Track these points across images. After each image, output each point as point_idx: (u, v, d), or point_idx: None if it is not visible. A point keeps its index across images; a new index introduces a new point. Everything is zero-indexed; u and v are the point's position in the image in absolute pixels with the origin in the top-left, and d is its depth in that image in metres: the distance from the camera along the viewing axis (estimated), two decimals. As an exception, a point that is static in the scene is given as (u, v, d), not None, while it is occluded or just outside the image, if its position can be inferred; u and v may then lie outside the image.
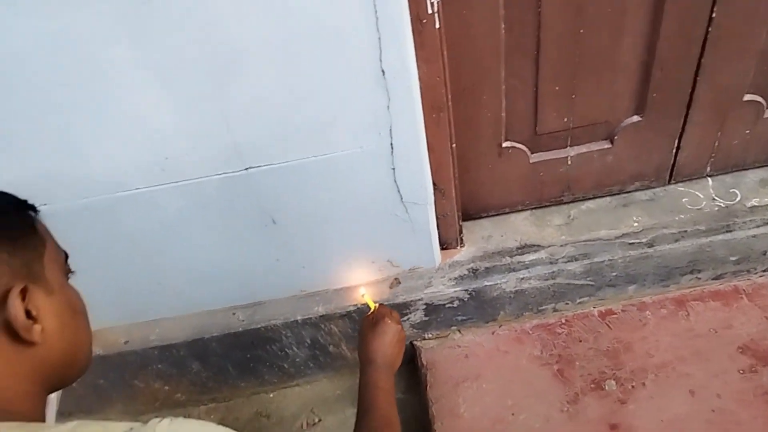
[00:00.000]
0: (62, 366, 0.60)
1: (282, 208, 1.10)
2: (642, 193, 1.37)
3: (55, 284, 0.59)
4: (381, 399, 0.91)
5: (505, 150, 1.23)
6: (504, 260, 1.29)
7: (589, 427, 1.17)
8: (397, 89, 0.92)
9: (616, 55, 1.11)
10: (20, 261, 0.55)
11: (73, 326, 0.61)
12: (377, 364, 0.96)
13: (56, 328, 0.57)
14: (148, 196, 1.03)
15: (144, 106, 0.90)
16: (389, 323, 0.98)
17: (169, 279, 1.22)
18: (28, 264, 0.56)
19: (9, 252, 0.54)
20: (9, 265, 0.54)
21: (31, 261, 0.57)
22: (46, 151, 0.94)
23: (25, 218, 0.58)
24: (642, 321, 1.31)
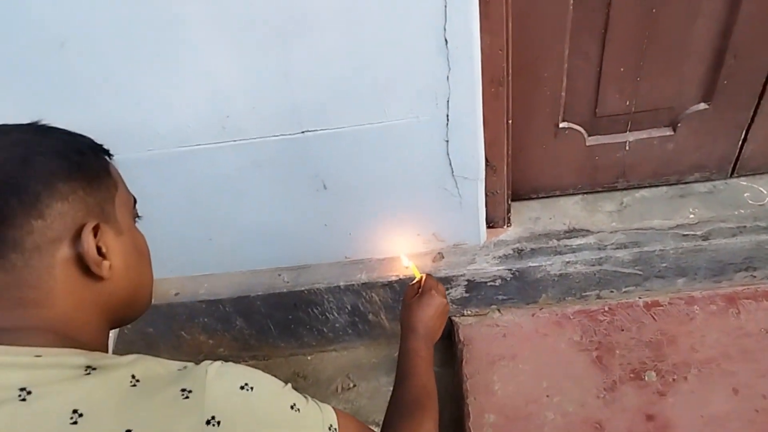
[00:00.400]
0: (125, 303, 0.63)
1: (334, 174, 1.12)
2: (701, 185, 1.33)
3: (124, 226, 0.62)
4: (421, 367, 0.92)
5: (561, 131, 1.21)
6: (551, 243, 1.28)
7: (625, 415, 1.16)
8: (458, 59, 0.91)
9: (687, 38, 1.06)
10: (94, 200, 0.58)
11: (137, 267, 0.64)
12: (419, 333, 0.97)
13: (123, 266, 0.60)
14: (208, 152, 1.06)
15: (211, 62, 0.92)
16: (435, 296, 0.99)
17: (220, 236, 1.26)
18: (101, 204, 0.59)
19: (85, 190, 0.57)
20: (85, 202, 0.57)
21: (104, 201, 0.59)
22: (115, 102, 0.98)
23: (100, 160, 0.61)
24: (689, 315, 1.28)
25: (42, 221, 0.53)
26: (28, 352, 0.51)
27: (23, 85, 0.96)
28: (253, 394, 0.57)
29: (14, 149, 0.54)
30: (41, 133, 0.58)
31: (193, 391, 0.54)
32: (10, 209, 0.51)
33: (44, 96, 0.97)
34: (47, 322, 0.54)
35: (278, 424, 0.58)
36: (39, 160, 0.54)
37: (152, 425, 0.51)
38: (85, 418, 0.49)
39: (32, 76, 0.94)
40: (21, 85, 0.96)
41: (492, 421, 1.19)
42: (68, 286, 0.55)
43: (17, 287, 0.53)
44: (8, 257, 0.52)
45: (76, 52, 0.91)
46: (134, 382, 0.53)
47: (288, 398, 0.61)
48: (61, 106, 0.97)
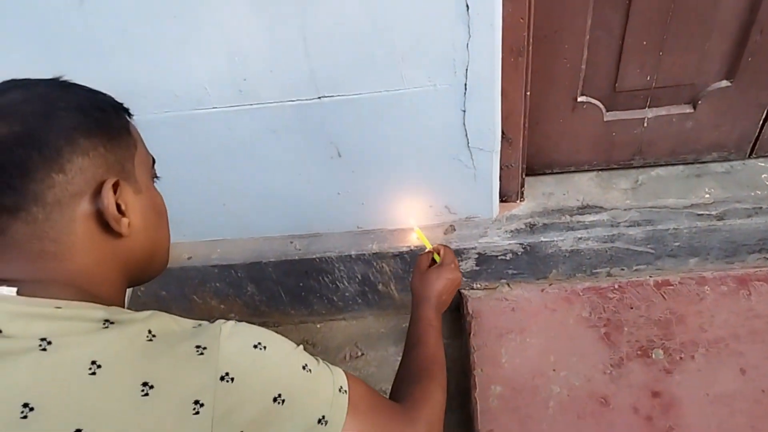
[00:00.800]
0: (143, 261, 0.64)
1: (349, 142, 1.12)
2: (718, 165, 1.31)
3: (143, 185, 0.63)
4: (431, 335, 0.93)
5: (579, 105, 1.19)
6: (563, 218, 1.27)
7: (631, 391, 1.17)
8: (479, 26, 0.90)
9: (713, 11, 1.04)
10: (115, 157, 0.58)
11: (155, 226, 0.65)
12: (432, 303, 0.97)
13: (141, 224, 0.61)
14: (224, 116, 1.06)
15: (230, 23, 0.91)
16: (454, 270, 0.99)
17: (234, 201, 1.27)
18: (121, 161, 0.59)
19: (106, 146, 0.57)
20: (105, 159, 0.57)
21: (124, 159, 0.60)
22: (132, 62, 0.98)
23: (120, 118, 0.61)
24: (699, 295, 1.28)
25: (63, 176, 0.54)
26: (48, 303, 0.52)
27: (42, 41, 0.96)
28: (266, 354, 0.58)
29: (37, 103, 0.55)
30: (64, 88, 0.58)
31: (208, 348, 0.55)
32: (31, 163, 0.52)
33: (62, 53, 0.97)
34: (67, 276, 0.55)
35: (290, 384, 0.59)
36: (61, 115, 0.55)
37: (168, 379, 0.52)
38: (103, 370, 0.50)
39: (51, 32, 0.94)
40: (40, 41, 0.96)
41: (498, 392, 1.21)
42: (88, 242, 0.56)
43: (38, 239, 0.54)
44: (30, 210, 0.53)
45: (95, 10, 0.91)
46: (150, 336, 0.54)
47: (300, 359, 0.61)
48: (79, 64, 0.97)
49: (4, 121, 0.52)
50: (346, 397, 0.64)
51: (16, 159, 0.52)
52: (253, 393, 0.56)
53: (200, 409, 0.52)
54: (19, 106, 0.54)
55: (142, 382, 0.51)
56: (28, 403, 0.48)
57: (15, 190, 0.52)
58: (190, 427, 0.52)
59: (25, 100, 0.54)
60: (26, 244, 0.54)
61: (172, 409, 0.52)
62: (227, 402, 0.54)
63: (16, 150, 0.52)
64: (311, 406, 0.60)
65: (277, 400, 0.57)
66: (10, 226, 0.53)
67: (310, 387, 0.61)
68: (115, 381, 0.50)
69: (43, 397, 0.48)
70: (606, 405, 1.16)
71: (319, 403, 0.61)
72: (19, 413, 0.47)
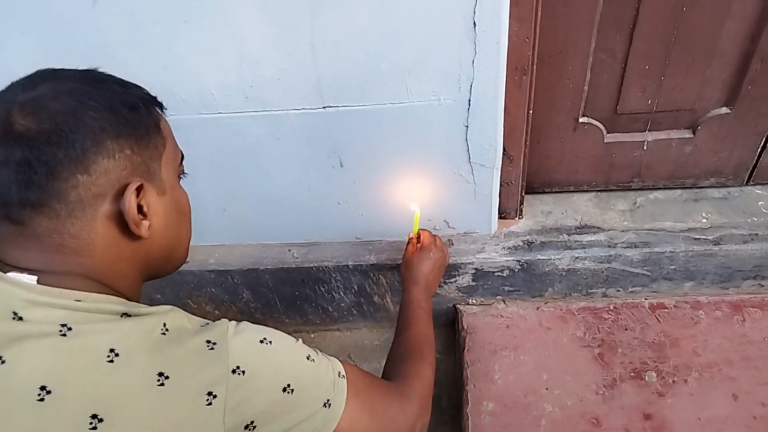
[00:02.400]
0: (161, 259, 0.65)
1: (351, 152, 1.13)
2: (716, 191, 1.33)
3: (167, 185, 0.63)
4: (421, 317, 0.96)
5: (580, 125, 1.21)
6: (561, 237, 1.28)
7: (623, 412, 1.17)
8: (485, 44, 0.92)
9: (715, 39, 1.06)
10: (141, 158, 0.59)
11: (176, 226, 0.65)
12: (421, 285, 1.01)
13: (162, 226, 0.62)
14: (229, 121, 1.07)
15: (240, 29, 0.92)
16: (434, 249, 1.05)
17: (233, 207, 1.27)
18: (147, 162, 0.60)
19: (132, 148, 0.58)
20: (131, 161, 0.58)
21: (150, 159, 0.60)
22: (142, 64, 0.99)
23: (151, 115, 0.62)
24: (694, 319, 1.29)
25: (87, 176, 0.54)
26: (68, 295, 0.54)
27: (55, 40, 0.96)
28: (273, 347, 0.61)
29: (67, 100, 0.55)
30: (96, 83, 0.58)
31: (218, 344, 0.57)
32: (57, 162, 0.53)
33: (73, 53, 0.98)
34: (86, 270, 0.56)
35: (297, 374, 0.61)
36: (90, 115, 0.55)
37: (181, 371, 0.53)
38: (120, 358, 0.51)
39: (64, 32, 0.95)
40: (53, 40, 0.97)
41: (490, 408, 1.20)
42: (107, 241, 0.57)
43: (59, 234, 0.55)
44: (52, 206, 0.54)
45: (107, 11, 0.92)
46: (164, 330, 0.56)
47: (303, 350, 0.65)
48: (88, 62, 0.98)
49: (35, 116, 0.53)
50: (345, 381, 0.67)
51: (43, 157, 0.52)
52: (264, 384, 0.58)
53: (213, 401, 0.54)
54: (50, 102, 0.54)
55: (158, 372, 0.52)
56: (45, 386, 0.49)
57: (39, 187, 0.53)
58: (203, 416, 0.53)
59: (55, 97, 0.54)
60: (47, 238, 0.54)
61: (186, 400, 0.53)
62: (239, 394, 0.56)
63: (43, 148, 0.52)
64: (317, 392, 0.63)
65: (286, 390, 0.60)
66: (32, 218, 0.54)
67: (315, 375, 0.64)
68: (132, 370, 0.52)
69: (60, 380, 0.49)
70: (598, 425, 1.15)
71: (323, 389, 0.64)
72: (36, 395, 0.48)
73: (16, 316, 0.51)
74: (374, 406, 0.71)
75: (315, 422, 0.62)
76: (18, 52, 0.99)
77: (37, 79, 0.56)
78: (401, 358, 0.89)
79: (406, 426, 0.76)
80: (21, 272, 0.54)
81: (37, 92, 0.54)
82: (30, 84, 0.55)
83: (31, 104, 0.53)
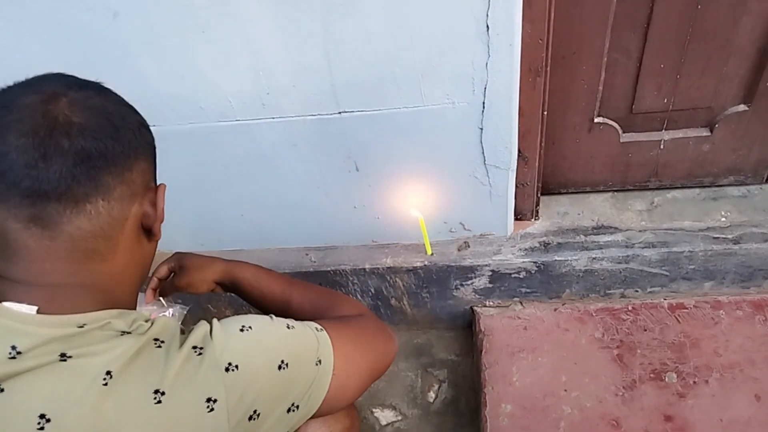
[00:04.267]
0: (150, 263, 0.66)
1: (367, 156, 1.14)
2: (734, 189, 1.31)
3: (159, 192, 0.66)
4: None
5: (596, 125, 1.20)
6: (578, 238, 1.28)
7: (643, 414, 1.16)
8: (498, 46, 0.92)
9: (731, 36, 1.05)
10: (155, 164, 0.64)
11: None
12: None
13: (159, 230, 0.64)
14: (246, 128, 1.08)
15: (256, 39, 0.94)
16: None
17: (251, 212, 1.29)
18: (154, 171, 0.64)
19: (153, 155, 0.62)
20: (153, 165, 0.62)
21: (155, 169, 0.64)
22: (161, 74, 1.01)
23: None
24: (714, 319, 1.27)
25: (130, 174, 0.57)
26: (71, 322, 0.52)
27: (75, 51, 0.99)
28: (255, 332, 0.61)
29: (114, 104, 0.58)
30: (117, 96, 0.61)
31: (204, 347, 0.57)
32: (115, 155, 0.55)
33: (94, 64, 1.00)
34: (101, 279, 0.57)
35: (285, 347, 0.62)
36: (135, 117, 0.59)
37: (177, 383, 0.53)
38: (114, 380, 0.51)
39: (84, 43, 0.98)
40: (73, 51, 0.99)
41: (509, 411, 1.20)
42: (128, 242, 0.59)
43: (94, 237, 0.55)
44: (96, 203, 0.54)
45: (127, 22, 0.94)
46: (159, 344, 0.56)
47: (280, 323, 0.65)
48: (109, 74, 0.98)
49: (89, 112, 0.54)
50: (325, 333, 0.68)
51: (102, 148, 0.54)
52: (259, 371, 0.59)
53: (214, 406, 0.54)
54: (100, 101, 0.56)
55: (154, 390, 0.52)
56: (44, 414, 0.48)
57: (92, 180, 0.53)
58: (208, 422, 0.53)
59: (103, 97, 0.57)
60: (81, 242, 0.54)
61: (187, 411, 0.53)
62: (238, 389, 0.56)
63: (104, 140, 0.54)
64: (307, 355, 0.64)
65: (281, 367, 0.60)
66: (71, 220, 0.53)
67: (300, 340, 0.65)
68: (127, 391, 0.51)
69: (60, 407, 0.49)
70: (617, 427, 1.15)
71: (310, 350, 0.65)
72: (36, 425, 0.48)
73: (13, 351, 0.49)
74: (359, 342, 0.73)
75: (312, 385, 0.63)
76: (39, 65, 1.00)
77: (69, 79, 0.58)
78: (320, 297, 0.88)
79: (393, 347, 0.80)
80: (20, 301, 0.52)
81: (84, 93, 0.56)
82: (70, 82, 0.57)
83: (84, 101, 0.55)
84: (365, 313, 0.85)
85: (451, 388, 1.40)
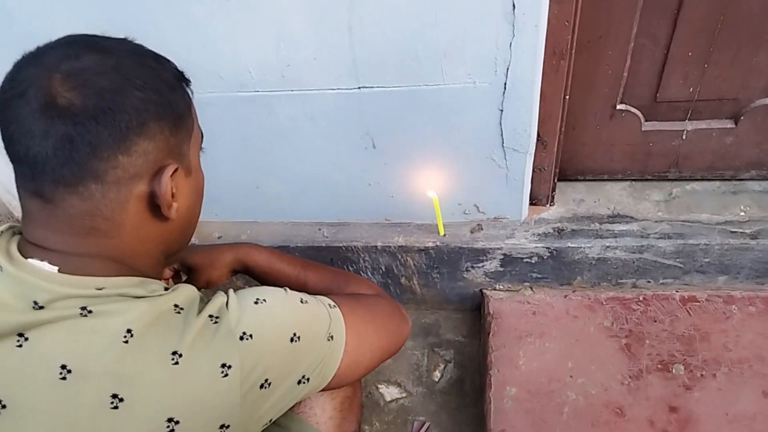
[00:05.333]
0: (179, 238, 0.66)
1: (384, 134, 1.13)
2: (756, 183, 1.29)
3: (193, 166, 0.63)
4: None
5: (618, 112, 1.19)
6: (593, 226, 1.27)
7: (648, 404, 1.16)
8: (523, 26, 0.90)
9: (764, 26, 1.02)
10: (176, 140, 0.58)
11: (195, 206, 0.66)
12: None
13: (185, 207, 0.62)
14: (265, 100, 1.08)
15: (280, 9, 0.93)
16: None
17: (267, 185, 1.30)
18: (180, 144, 0.59)
19: (171, 130, 0.57)
20: (168, 143, 0.57)
21: (182, 141, 0.60)
22: (182, 41, 1.00)
23: (185, 95, 0.61)
24: (726, 314, 1.26)
25: (127, 157, 0.53)
26: (90, 283, 0.54)
27: (98, 13, 0.98)
28: (269, 304, 0.62)
29: (114, 77, 0.53)
30: (137, 57, 0.57)
31: (220, 317, 0.58)
32: (101, 141, 0.52)
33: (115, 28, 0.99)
34: (111, 252, 0.57)
35: (298, 321, 0.63)
36: (136, 95, 0.53)
37: (193, 347, 0.54)
38: (135, 338, 0.52)
39: (106, 8, 0.97)
40: (95, 15, 0.99)
41: (513, 394, 1.21)
42: (136, 221, 0.57)
43: (91, 216, 0.54)
44: (88, 186, 0.53)
45: (150, -13, 0.94)
46: (178, 310, 0.57)
47: (295, 296, 0.66)
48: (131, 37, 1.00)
49: (80, 91, 0.51)
50: (338, 310, 0.68)
51: (87, 135, 0.51)
52: (273, 341, 0.59)
53: (228, 371, 0.55)
54: (96, 77, 0.52)
55: (172, 351, 0.53)
56: (66, 365, 0.49)
57: (79, 165, 0.52)
58: (221, 388, 0.54)
59: (102, 71, 0.52)
60: (78, 219, 0.54)
61: (202, 374, 0.54)
62: (252, 357, 0.57)
63: (89, 125, 0.51)
64: (320, 330, 0.65)
65: (293, 340, 0.61)
66: (65, 199, 0.53)
67: (313, 314, 0.65)
68: (147, 349, 0.52)
69: (81, 360, 0.50)
70: (621, 416, 1.15)
71: (323, 324, 0.65)
72: (58, 374, 0.49)
73: (36, 305, 0.51)
74: (372, 321, 0.73)
75: (323, 360, 0.64)
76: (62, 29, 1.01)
77: (77, 47, 0.54)
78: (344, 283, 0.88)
79: (406, 328, 0.81)
80: (42, 260, 0.53)
81: (82, 64, 0.52)
82: (71, 53, 0.53)
83: (76, 77, 0.51)
84: (380, 293, 0.86)
85: (456, 369, 1.41)
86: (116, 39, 0.58)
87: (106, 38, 0.58)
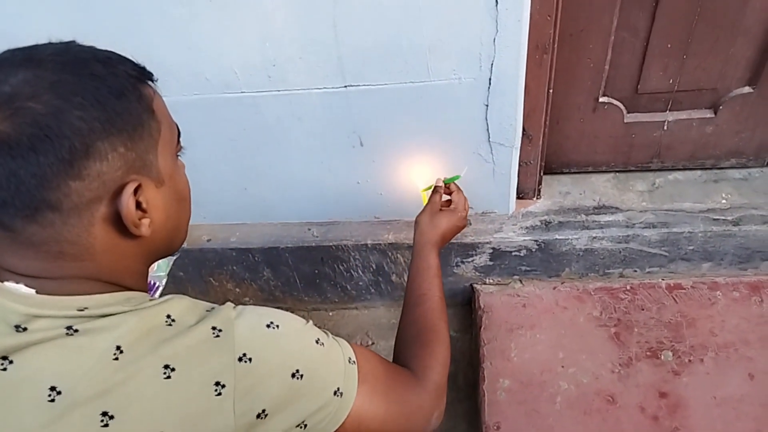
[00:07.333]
0: (163, 247, 0.62)
1: (371, 131, 1.14)
2: (736, 171, 1.32)
3: (165, 174, 0.58)
4: (438, 287, 0.90)
5: (600, 105, 1.21)
6: (579, 217, 1.28)
7: (638, 390, 1.18)
8: (506, 22, 0.92)
9: (740, 16, 1.05)
10: (136, 154, 0.53)
11: (177, 214, 0.61)
12: (437, 245, 0.93)
13: (162, 219, 0.58)
14: (251, 100, 1.08)
15: (264, 9, 0.93)
16: (461, 214, 0.97)
17: (255, 186, 1.30)
18: (142, 156, 0.54)
19: (126, 145, 0.52)
20: (125, 159, 0.52)
21: (145, 152, 0.55)
22: (167, 43, 1.00)
23: (142, 99, 0.55)
24: (711, 300, 1.29)
25: (80, 182, 0.49)
26: (71, 303, 0.51)
27: (80, 16, 0.98)
28: (280, 332, 0.58)
29: (49, 98, 0.48)
30: (77, 69, 0.51)
31: (223, 330, 0.55)
32: (45, 171, 0.48)
33: (99, 32, 0.99)
34: (89, 272, 0.54)
35: (306, 359, 0.59)
36: (76, 115, 0.48)
37: (188, 361, 0.52)
38: (125, 355, 0.50)
39: (90, 11, 0.97)
40: (78, 18, 0.98)
41: (506, 385, 1.22)
42: (107, 243, 0.54)
43: (56, 242, 0.51)
44: (46, 215, 0.50)
45: (133, -10, 0.94)
46: (170, 321, 0.54)
47: (312, 334, 0.61)
48: (115, 42, 0.99)
49: (12, 120, 0.47)
50: (356, 368, 0.63)
51: (29, 167, 0.47)
52: (272, 371, 0.56)
53: (222, 390, 0.53)
54: (29, 101, 0.47)
55: (164, 365, 0.51)
56: (55, 387, 0.48)
57: (29, 196, 0.48)
58: (213, 407, 0.52)
59: (34, 94, 0.48)
60: (43, 246, 0.51)
61: (195, 391, 0.52)
62: (247, 382, 0.54)
63: (28, 157, 0.47)
64: (328, 378, 0.60)
65: (295, 376, 0.57)
66: (25, 228, 0.50)
67: (325, 360, 0.61)
68: (138, 365, 0.50)
69: (70, 381, 0.48)
70: (613, 403, 1.17)
71: (334, 375, 0.61)
72: (47, 396, 0.47)
73: (19, 328, 0.49)
74: (388, 395, 0.66)
75: (327, 412, 0.60)
76: (45, 32, 1.00)
77: (8, 67, 0.49)
78: (416, 338, 0.82)
79: (423, 417, 0.72)
80: (18, 282, 0.51)
81: (12, 87, 0.47)
82: (1, 76, 0.48)
83: (8, 105, 0.47)
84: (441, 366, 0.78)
85: (451, 365, 1.41)
86: (58, 46, 0.53)
87: (45, 48, 0.52)
